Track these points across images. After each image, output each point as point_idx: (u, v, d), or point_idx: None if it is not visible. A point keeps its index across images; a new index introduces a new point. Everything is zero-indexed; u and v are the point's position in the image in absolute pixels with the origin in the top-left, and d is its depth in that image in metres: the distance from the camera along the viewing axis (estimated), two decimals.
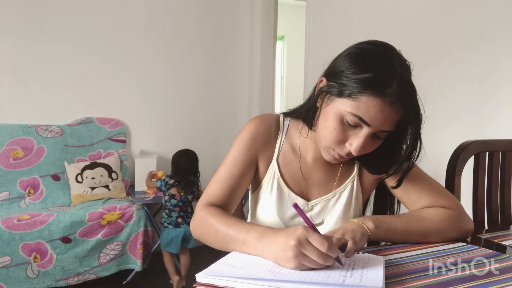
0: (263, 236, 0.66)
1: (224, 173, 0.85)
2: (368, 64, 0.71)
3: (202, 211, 0.80)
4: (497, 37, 1.54)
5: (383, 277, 0.59)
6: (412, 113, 0.71)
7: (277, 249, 0.62)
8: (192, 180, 2.39)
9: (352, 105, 0.70)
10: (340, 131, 0.74)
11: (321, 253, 0.59)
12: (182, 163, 2.40)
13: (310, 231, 0.61)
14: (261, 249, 0.65)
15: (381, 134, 0.74)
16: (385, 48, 0.74)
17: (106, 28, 2.86)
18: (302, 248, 0.59)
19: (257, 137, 0.87)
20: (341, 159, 0.79)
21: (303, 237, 0.60)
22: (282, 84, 5.12)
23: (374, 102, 0.69)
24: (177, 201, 2.34)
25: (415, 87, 0.72)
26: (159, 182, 2.36)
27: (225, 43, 3.28)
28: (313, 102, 0.80)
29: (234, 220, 0.74)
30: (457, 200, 0.88)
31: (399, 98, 0.68)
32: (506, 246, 0.82)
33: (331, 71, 0.77)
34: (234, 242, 0.70)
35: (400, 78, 0.69)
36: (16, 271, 2.08)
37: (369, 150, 0.77)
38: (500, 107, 1.54)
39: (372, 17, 2.16)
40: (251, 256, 0.67)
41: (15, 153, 2.53)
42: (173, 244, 2.33)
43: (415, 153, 0.76)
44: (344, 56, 0.75)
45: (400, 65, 0.71)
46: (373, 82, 0.69)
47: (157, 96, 3.07)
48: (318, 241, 0.59)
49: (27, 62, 2.66)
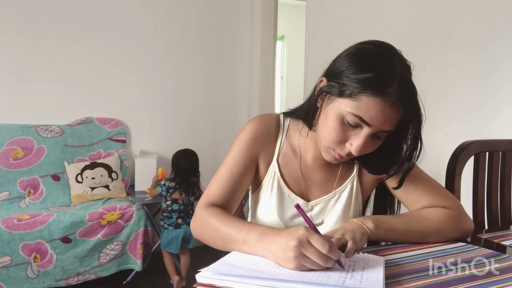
0: (263, 236, 0.66)
1: (225, 173, 0.85)
2: (369, 64, 0.71)
3: (203, 211, 0.80)
4: (497, 37, 1.54)
5: (383, 278, 0.59)
6: (413, 113, 0.71)
7: (277, 249, 0.61)
8: (193, 181, 2.39)
9: (352, 105, 0.70)
10: (341, 131, 0.73)
11: (321, 254, 0.58)
12: (182, 163, 2.39)
13: (312, 232, 0.61)
14: (261, 249, 0.65)
15: (381, 134, 0.74)
16: (385, 48, 0.74)
17: (107, 29, 2.86)
18: (302, 249, 0.59)
19: (258, 137, 0.87)
20: (341, 159, 0.78)
21: (304, 238, 0.59)
22: (282, 84, 5.12)
23: (375, 102, 0.69)
24: (179, 205, 2.34)
25: (415, 87, 0.72)
26: (160, 188, 2.35)
27: (225, 43, 3.28)
28: (313, 102, 0.80)
29: (235, 220, 0.74)
30: (457, 200, 0.88)
31: (400, 98, 0.68)
32: (506, 246, 0.82)
33: (331, 71, 0.77)
34: (234, 241, 0.70)
35: (400, 78, 0.69)
36: (16, 271, 2.09)
37: (370, 150, 0.76)
38: (500, 107, 1.54)
39: (372, 17, 2.16)
40: (251, 256, 0.67)
41: (15, 153, 2.53)
42: (173, 244, 2.33)
43: (415, 153, 0.76)
44: (344, 56, 0.75)
45: (401, 65, 0.71)
46: (374, 82, 0.69)
47: (157, 96, 3.07)
48: (319, 242, 0.59)
49: (27, 62, 2.66)
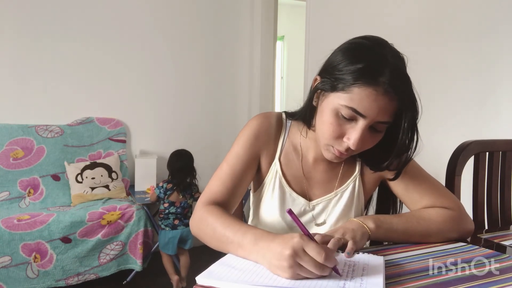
0: (258, 240, 0.64)
1: (226, 169, 0.84)
2: (360, 55, 0.70)
3: (202, 209, 0.79)
4: (496, 36, 1.54)
5: (383, 279, 0.59)
6: (407, 101, 0.69)
7: (271, 257, 0.59)
8: (189, 182, 2.39)
9: (345, 97, 0.69)
10: (337, 125, 0.72)
11: (317, 263, 0.56)
12: (175, 164, 2.39)
13: (307, 239, 0.58)
14: (256, 254, 0.63)
15: (379, 126, 0.72)
16: (376, 40, 0.73)
17: (107, 29, 2.86)
18: (297, 258, 0.56)
19: (260, 134, 0.87)
20: (341, 155, 0.77)
21: (299, 247, 0.57)
22: (282, 84, 5.11)
23: (367, 91, 0.67)
24: (176, 208, 2.34)
25: (409, 77, 0.71)
26: (157, 190, 2.35)
27: (225, 43, 3.28)
28: (309, 101, 0.80)
29: (232, 220, 0.72)
30: (458, 200, 0.87)
31: (392, 86, 0.67)
32: (506, 246, 0.82)
33: (324, 68, 0.77)
34: (230, 243, 0.68)
35: (392, 67, 0.68)
36: (16, 271, 2.08)
37: (370, 145, 0.75)
38: (500, 107, 1.54)
39: (372, 17, 2.16)
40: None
41: (15, 153, 2.53)
42: (170, 245, 2.33)
43: (412, 145, 0.74)
44: (337, 52, 0.75)
45: (393, 55, 0.70)
46: (365, 72, 0.68)
47: (157, 96, 3.07)
48: (314, 251, 0.56)
49: (27, 62, 2.66)
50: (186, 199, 2.36)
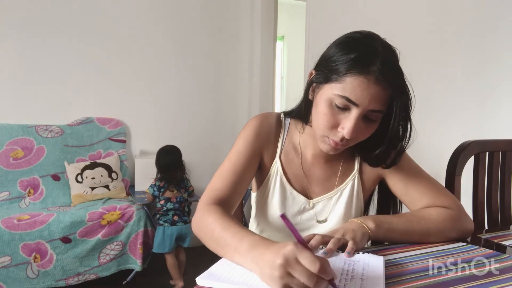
0: (254, 247, 0.60)
1: (228, 166, 0.85)
2: (352, 47, 0.73)
3: (203, 209, 0.78)
4: (495, 36, 1.54)
5: (384, 279, 0.59)
6: (398, 90, 0.72)
7: (264, 265, 0.55)
8: (180, 176, 2.38)
9: (338, 87, 0.72)
10: (331, 115, 0.74)
11: (311, 274, 0.51)
12: (162, 160, 2.39)
13: (300, 248, 0.53)
14: (250, 261, 0.60)
15: (372, 115, 0.73)
16: (368, 33, 0.76)
17: (106, 29, 2.86)
18: (289, 268, 0.52)
19: (261, 133, 0.88)
20: (337, 146, 0.77)
21: (292, 256, 0.52)
22: (282, 84, 5.11)
23: (358, 80, 0.70)
24: (173, 204, 2.34)
25: (401, 68, 0.73)
26: (151, 189, 2.35)
27: (225, 43, 3.28)
28: (305, 95, 0.82)
29: (231, 223, 0.70)
30: (458, 200, 0.88)
31: (383, 74, 0.69)
32: (506, 246, 0.82)
33: (319, 62, 0.79)
34: (226, 246, 0.66)
35: (382, 57, 0.70)
36: (16, 271, 2.09)
37: (365, 135, 0.77)
38: (500, 107, 1.54)
39: (372, 17, 2.16)
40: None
41: (15, 153, 2.53)
42: (167, 242, 2.32)
43: (406, 134, 0.76)
44: (331, 45, 0.78)
45: (384, 47, 0.73)
46: (357, 61, 0.70)
47: (157, 96, 3.07)
48: (308, 260, 0.51)
49: (27, 62, 2.66)
50: (181, 193, 2.36)
